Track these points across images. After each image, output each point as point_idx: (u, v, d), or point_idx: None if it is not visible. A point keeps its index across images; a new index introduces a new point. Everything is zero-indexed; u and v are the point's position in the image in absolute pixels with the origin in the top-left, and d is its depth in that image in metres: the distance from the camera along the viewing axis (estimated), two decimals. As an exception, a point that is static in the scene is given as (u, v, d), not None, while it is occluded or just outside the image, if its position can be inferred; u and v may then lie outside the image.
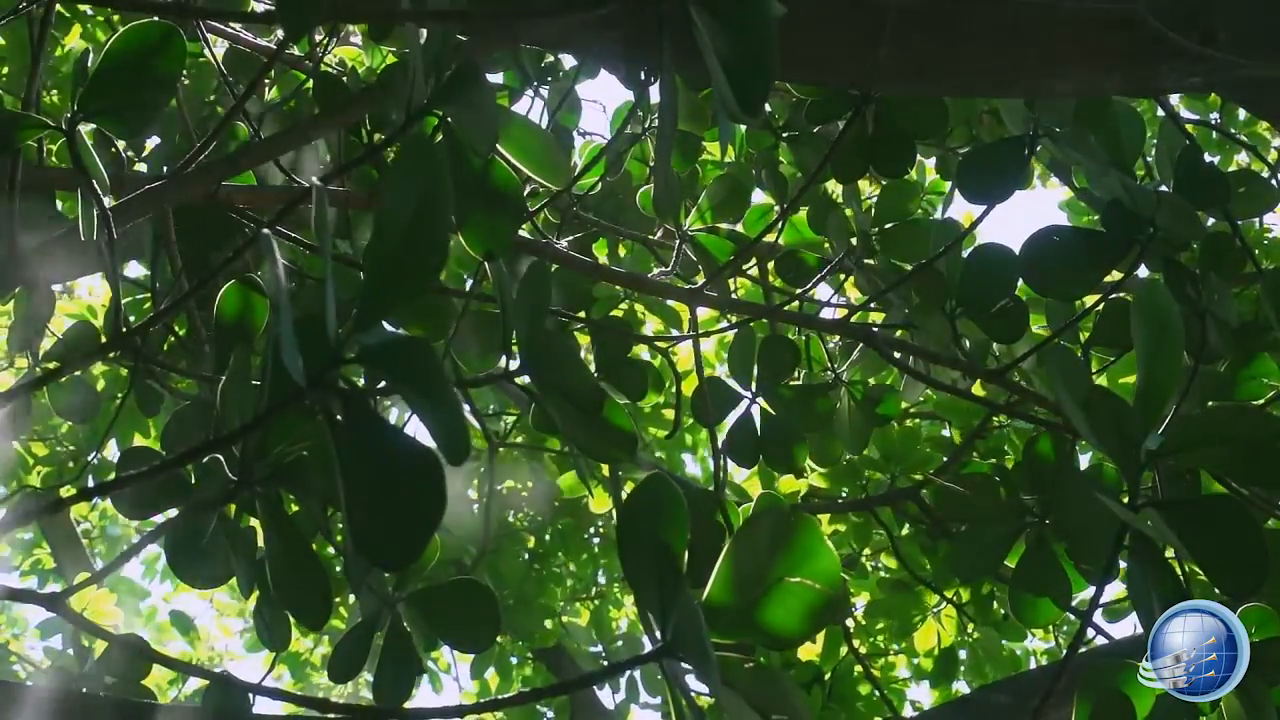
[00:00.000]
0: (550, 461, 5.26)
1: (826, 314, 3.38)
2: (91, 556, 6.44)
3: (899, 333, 2.99)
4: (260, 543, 1.72)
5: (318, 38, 3.17)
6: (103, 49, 1.68)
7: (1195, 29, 1.99)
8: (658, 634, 1.21)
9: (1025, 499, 2.53)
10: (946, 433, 4.47)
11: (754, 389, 3.05)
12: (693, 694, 1.23)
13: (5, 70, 4.37)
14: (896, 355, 2.88)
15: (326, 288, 1.07)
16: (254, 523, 1.78)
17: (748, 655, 1.27)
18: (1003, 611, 4.50)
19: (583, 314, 3.14)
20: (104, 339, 3.08)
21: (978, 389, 3.16)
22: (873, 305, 3.12)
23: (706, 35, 1.26)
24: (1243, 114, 4.70)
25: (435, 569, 2.35)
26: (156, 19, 1.67)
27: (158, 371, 2.77)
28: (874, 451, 3.93)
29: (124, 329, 1.91)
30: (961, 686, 5.14)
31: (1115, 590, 4.10)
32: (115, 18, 4.04)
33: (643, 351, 4.09)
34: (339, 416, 1.06)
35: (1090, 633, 3.70)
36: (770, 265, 3.81)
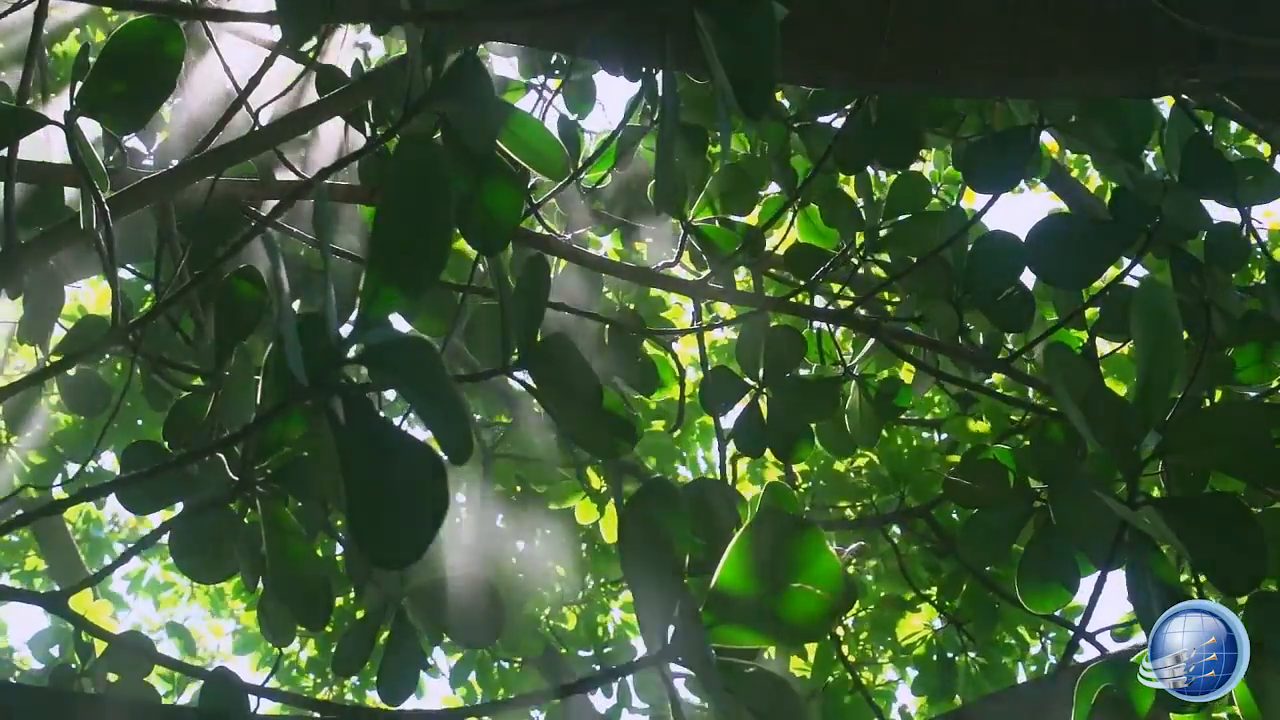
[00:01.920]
0: (540, 469, 5.22)
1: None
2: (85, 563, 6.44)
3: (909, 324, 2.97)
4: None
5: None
6: (101, 44, 1.68)
7: (1194, 31, 1.98)
8: (657, 638, 1.20)
9: (1034, 483, 2.50)
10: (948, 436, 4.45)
11: (760, 379, 3.06)
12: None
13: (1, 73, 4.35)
14: (910, 349, 2.87)
15: (327, 287, 1.07)
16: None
17: (749, 660, 1.27)
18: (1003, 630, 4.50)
19: (579, 309, 3.12)
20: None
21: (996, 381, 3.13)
22: (870, 305, 3.10)
23: (710, 39, 1.25)
24: (1234, 127, 4.68)
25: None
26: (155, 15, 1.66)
27: (162, 368, 2.75)
28: (884, 469, 3.93)
29: (122, 323, 1.90)
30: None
31: (1122, 612, 4.07)
32: (113, 17, 4.02)
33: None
34: (341, 415, 1.06)
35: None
36: (767, 272, 3.80)
